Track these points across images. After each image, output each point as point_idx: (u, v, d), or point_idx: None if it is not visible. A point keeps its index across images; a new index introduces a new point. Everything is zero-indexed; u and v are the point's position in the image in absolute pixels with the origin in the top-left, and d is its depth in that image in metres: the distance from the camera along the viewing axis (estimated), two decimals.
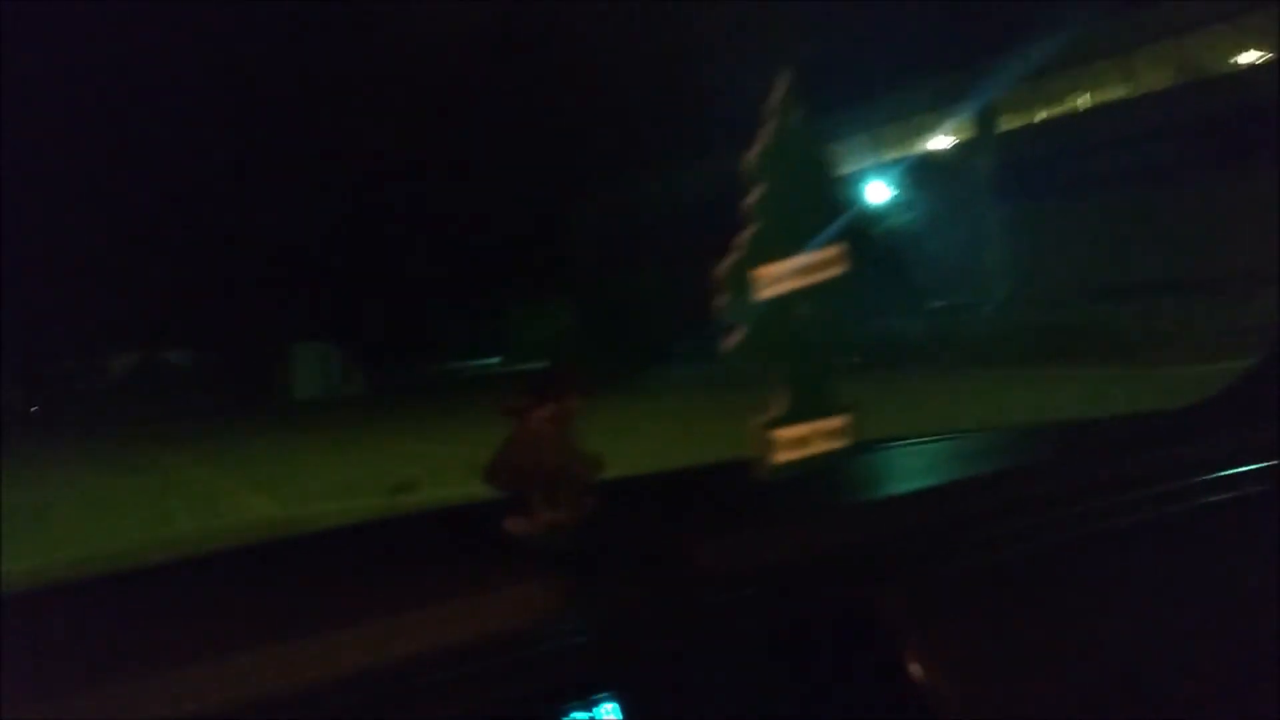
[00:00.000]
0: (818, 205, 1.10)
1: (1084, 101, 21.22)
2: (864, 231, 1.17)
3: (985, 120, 21.94)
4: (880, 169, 21.06)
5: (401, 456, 7.82)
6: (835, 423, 1.13)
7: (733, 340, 1.04)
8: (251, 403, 13.47)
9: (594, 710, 0.85)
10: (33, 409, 13.36)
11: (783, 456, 1.08)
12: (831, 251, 1.11)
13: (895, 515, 1.11)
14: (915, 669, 0.95)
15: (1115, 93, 20.70)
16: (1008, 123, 21.77)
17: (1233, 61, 19.23)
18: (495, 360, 15.66)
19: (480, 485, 1.01)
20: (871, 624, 0.98)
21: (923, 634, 0.97)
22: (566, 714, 0.84)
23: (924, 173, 21.15)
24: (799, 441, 1.09)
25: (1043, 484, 1.20)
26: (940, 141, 22.74)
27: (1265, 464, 1.26)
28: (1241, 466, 1.25)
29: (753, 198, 1.04)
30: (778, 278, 1.06)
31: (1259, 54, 18.81)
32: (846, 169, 20.19)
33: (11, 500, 5.97)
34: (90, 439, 11.42)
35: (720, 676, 0.93)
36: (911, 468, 1.45)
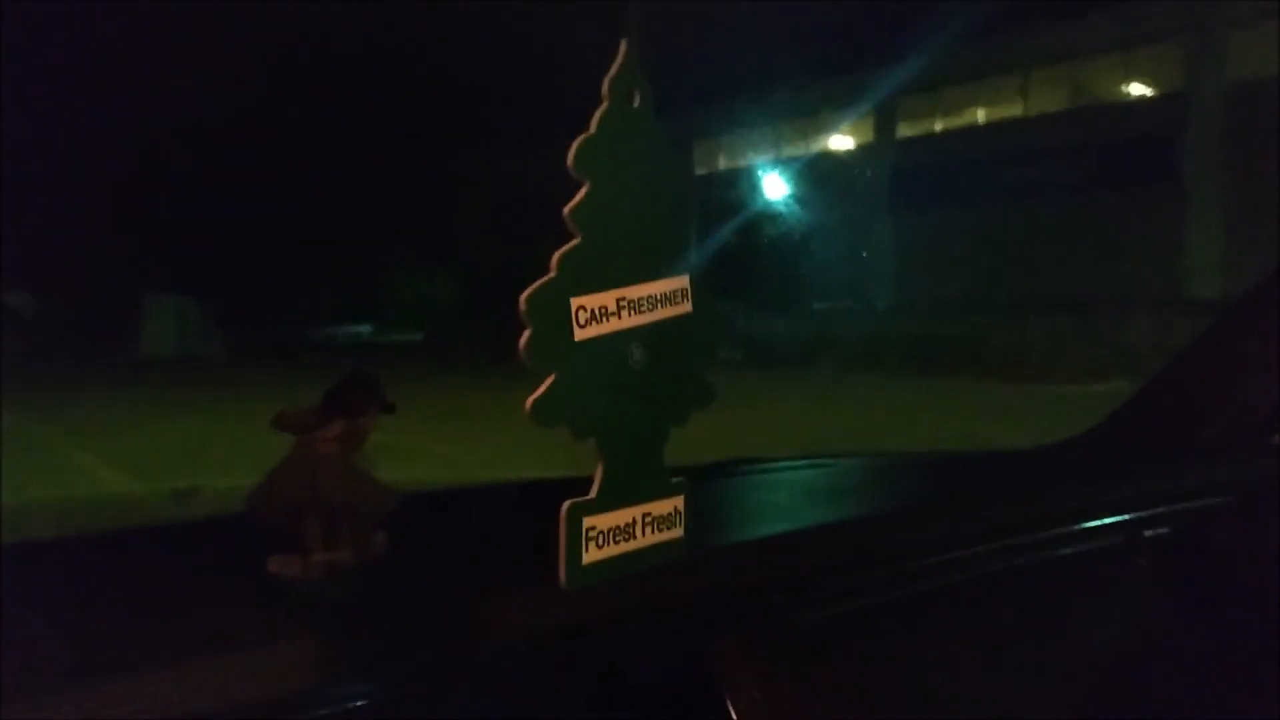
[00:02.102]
0: (663, 217, 0.82)
1: (978, 116, 21.89)
2: (733, 250, 0.92)
3: (879, 126, 22.45)
4: (765, 168, 21.42)
5: (255, 424, 7.52)
6: (669, 505, 0.86)
7: (539, 393, 0.73)
8: (96, 355, 12.82)
9: None
10: None
11: (599, 554, 0.81)
12: (679, 283, 0.84)
13: (735, 564, 1.02)
14: None
15: (1009, 110, 21.43)
16: (902, 130, 22.36)
17: (1123, 90, 20.13)
18: (366, 328, 15.26)
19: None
20: (699, 680, 0.91)
21: (755, 689, 0.91)
22: None
23: (810, 175, 21.53)
24: (621, 532, 0.83)
25: (898, 532, 1.16)
26: (828, 144, 23.22)
27: (1124, 517, 1.27)
28: (1102, 519, 1.25)
29: (576, 202, 0.75)
30: (605, 311, 0.78)
31: (1148, 86, 19.79)
32: (725, 167, 20.53)
33: None
34: None
35: None
36: (753, 504, 1.37)
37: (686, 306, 0.85)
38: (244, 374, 12.49)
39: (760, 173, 19.87)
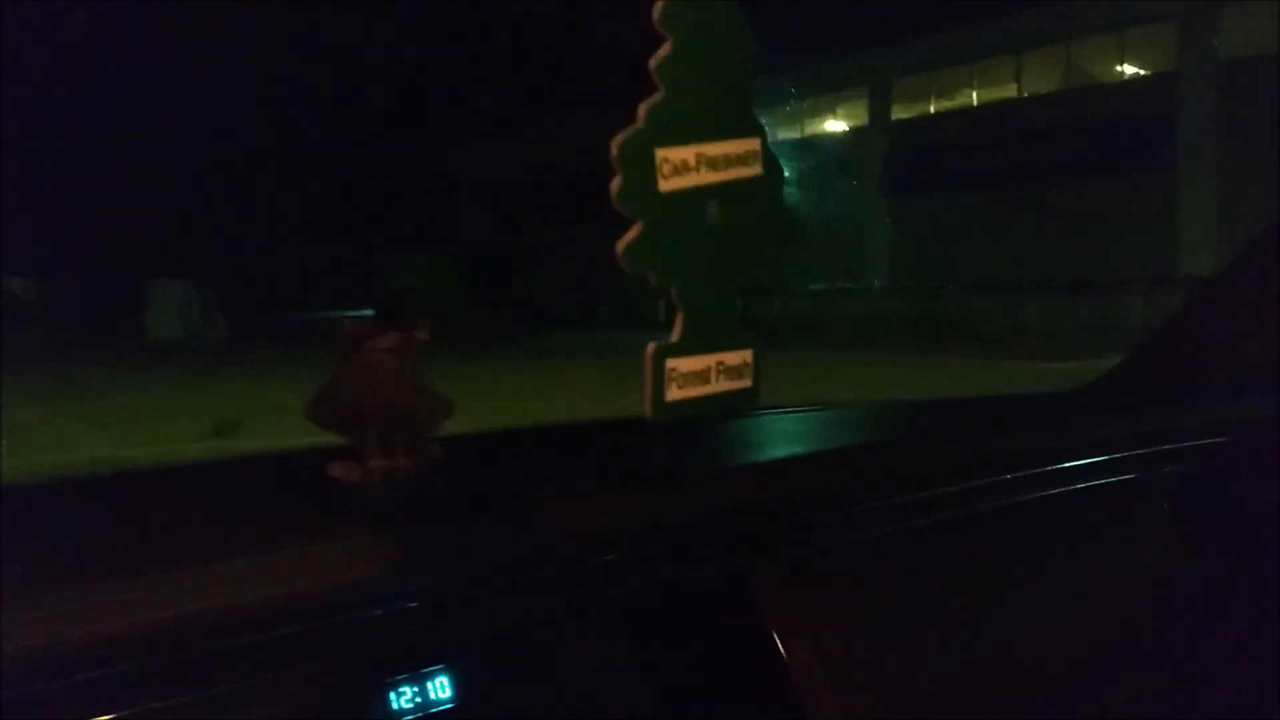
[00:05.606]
0: (735, 81, 0.88)
1: (973, 98, 21.83)
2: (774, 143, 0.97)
3: (875, 108, 22.38)
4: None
5: (258, 405, 7.55)
6: (740, 357, 0.93)
7: (629, 237, 0.80)
8: (103, 341, 12.82)
9: (424, 682, 0.75)
10: None
11: (679, 393, 0.87)
12: (750, 144, 0.90)
13: (771, 482, 1.04)
14: (781, 644, 0.91)
15: (1004, 92, 21.36)
16: (897, 113, 22.28)
17: (1117, 71, 20.09)
18: (370, 312, 15.17)
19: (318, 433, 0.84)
20: (736, 595, 0.92)
21: (792, 607, 0.93)
22: (393, 686, 0.74)
23: (805, 157, 21.49)
24: (698, 376, 0.89)
25: (925, 459, 1.18)
26: (824, 127, 23.13)
27: (1138, 452, 1.29)
28: (1113, 453, 1.27)
29: (661, 55, 0.81)
30: (686, 165, 0.84)
31: (1142, 67, 19.74)
32: None
33: None
34: None
35: (566, 649, 0.84)
36: (789, 434, 1.38)
37: (758, 169, 0.90)
38: (247, 357, 12.51)
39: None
